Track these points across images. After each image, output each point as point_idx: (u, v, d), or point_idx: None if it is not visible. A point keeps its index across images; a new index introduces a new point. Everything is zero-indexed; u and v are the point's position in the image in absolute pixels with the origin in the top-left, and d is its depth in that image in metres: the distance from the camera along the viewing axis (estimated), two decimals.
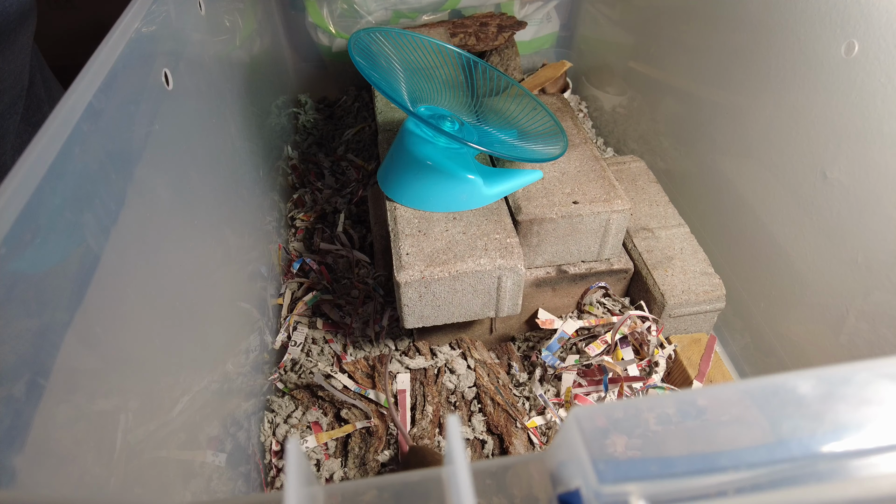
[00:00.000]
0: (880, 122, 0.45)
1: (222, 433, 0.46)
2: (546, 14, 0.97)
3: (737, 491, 0.20)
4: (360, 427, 0.54)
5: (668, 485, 0.20)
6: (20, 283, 0.27)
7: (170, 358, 0.39)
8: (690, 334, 0.61)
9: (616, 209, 0.55)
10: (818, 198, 0.52)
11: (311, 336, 0.63)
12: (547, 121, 0.58)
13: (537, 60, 1.02)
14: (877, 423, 0.20)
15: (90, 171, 0.33)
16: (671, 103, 0.74)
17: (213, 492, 0.43)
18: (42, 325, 0.28)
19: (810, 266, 0.54)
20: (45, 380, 0.27)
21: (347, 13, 0.89)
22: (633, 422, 0.21)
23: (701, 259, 0.61)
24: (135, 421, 0.34)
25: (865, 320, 0.49)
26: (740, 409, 0.21)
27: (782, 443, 0.20)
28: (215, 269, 0.50)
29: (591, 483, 0.20)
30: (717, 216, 0.67)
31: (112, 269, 0.33)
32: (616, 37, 0.87)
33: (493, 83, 0.60)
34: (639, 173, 0.72)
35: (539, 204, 0.54)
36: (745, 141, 0.61)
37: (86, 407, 0.30)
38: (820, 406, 0.21)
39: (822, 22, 0.49)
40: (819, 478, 0.19)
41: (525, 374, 0.60)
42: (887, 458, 0.19)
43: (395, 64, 0.55)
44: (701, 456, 0.20)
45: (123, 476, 0.32)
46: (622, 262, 0.61)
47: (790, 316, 0.58)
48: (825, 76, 0.49)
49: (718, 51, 0.63)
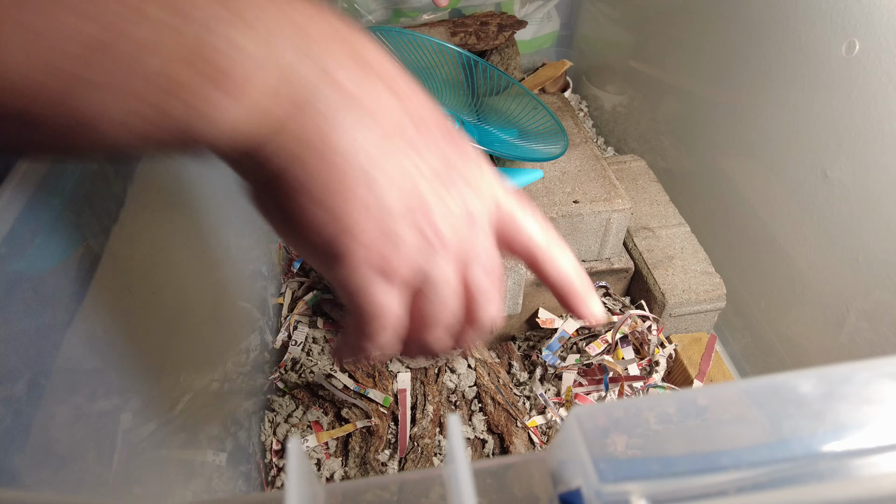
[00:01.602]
0: (881, 122, 0.45)
1: (223, 432, 0.46)
2: (546, 13, 0.97)
3: (738, 490, 0.20)
4: (360, 426, 0.54)
5: (668, 484, 0.20)
6: (21, 283, 0.27)
7: (170, 357, 0.39)
8: (691, 333, 0.61)
9: (616, 208, 0.54)
10: (819, 197, 0.52)
11: (311, 335, 0.63)
12: (547, 120, 0.58)
13: (538, 59, 1.02)
14: (878, 423, 0.20)
15: (90, 170, 0.33)
16: (672, 102, 0.74)
17: (214, 491, 0.43)
18: (43, 324, 0.28)
19: (811, 265, 0.54)
20: (46, 380, 0.27)
21: (347, 12, 0.89)
22: (634, 421, 0.21)
23: (701, 258, 0.61)
24: (135, 420, 0.34)
25: (866, 319, 0.49)
26: (741, 409, 0.21)
27: (783, 442, 0.20)
28: (216, 268, 0.50)
29: (591, 482, 0.19)
30: (717, 215, 0.67)
31: (112, 269, 0.33)
32: (616, 36, 0.87)
33: (493, 82, 0.60)
34: (639, 172, 0.72)
35: (540, 203, 0.54)
36: (746, 140, 0.60)
37: (86, 406, 0.30)
38: (821, 405, 0.21)
39: (823, 21, 0.49)
40: (820, 477, 0.19)
41: (525, 374, 0.60)
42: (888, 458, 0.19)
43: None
44: (702, 455, 0.20)
45: (124, 475, 0.32)
46: (623, 261, 0.61)
47: (791, 315, 0.58)
48: (826, 75, 0.49)
49: (719, 50, 0.63)
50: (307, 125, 0.20)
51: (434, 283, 0.23)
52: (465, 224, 0.23)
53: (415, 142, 0.22)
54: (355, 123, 0.20)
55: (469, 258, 0.24)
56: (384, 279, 0.22)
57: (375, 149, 0.21)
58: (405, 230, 0.22)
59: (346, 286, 0.22)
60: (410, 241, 0.22)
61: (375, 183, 0.21)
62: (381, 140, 0.21)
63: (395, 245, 0.22)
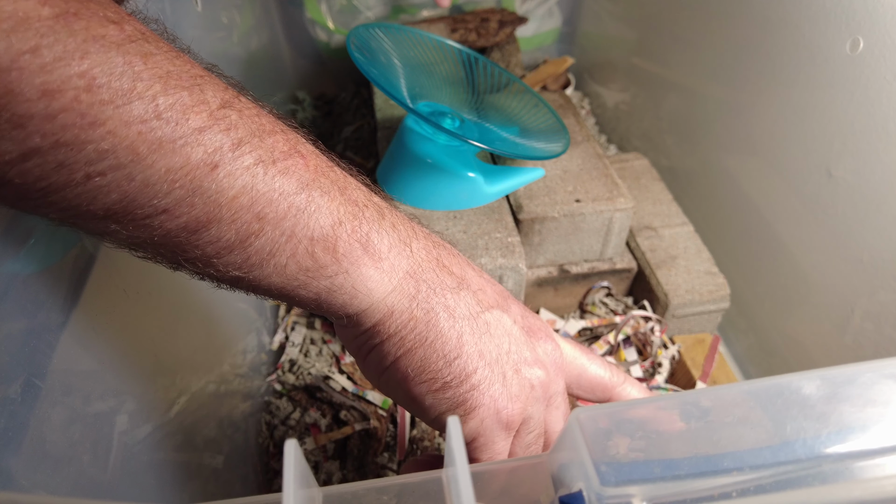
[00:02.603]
0: (886, 120, 0.45)
1: (219, 435, 0.46)
2: (548, 9, 0.97)
3: (741, 493, 0.19)
4: (358, 429, 0.54)
5: (671, 487, 0.20)
6: (15, 283, 0.26)
7: (166, 359, 0.39)
8: (694, 334, 0.61)
9: (619, 207, 0.54)
10: (823, 196, 0.52)
11: (309, 336, 0.62)
12: (549, 118, 0.58)
13: (539, 56, 1.01)
14: (882, 424, 0.20)
15: None
16: (675, 100, 0.74)
17: (211, 494, 0.43)
18: (38, 325, 0.28)
19: (815, 265, 0.54)
20: (41, 381, 0.27)
21: (346, 9, 0.89)
22: (636, 423, 0.21)
23: (705, 258, 0.61)
24: (131, 422, 0.33)
25: (871, 320, 0.49)
26: (744, 410, 0.21)
27: (787, 444, 0.20)
28: None
29: (593, 485, 0.19)
30: (721, 214, 0.66)
31: (107, 269, 0.33)
32: (619, 33, 0.86)
33: (494, 79, 0.60)
34: (642, 171, 0.71)
35: (541, 202, 0.54)
36: (750, 138, 0.60)
37: (82, 408, 0.30)
38: (825, 407, 0.20)
39: (827, 18, 0.48)
40: (824, 479, 0.19)
41: None
42: (893, 460, 0.19)
43: (395, 60, 0.54)
44: (704, 458, 0.20)
45: (120, 478, 0.32)
46: (625, 261, 0.60)
47: (795, 316, 0.57)
48: (830, 73, 0.49)
49: (722, 47, 0.63)
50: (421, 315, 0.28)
51: (530, 432, 0.31)
52: (555, 410, 0.32)
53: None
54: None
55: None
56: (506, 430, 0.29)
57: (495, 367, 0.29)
58: (523, 411, 0.29)
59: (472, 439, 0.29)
60: (526, 415, 0.30)
61: (491, 395, 0.29)
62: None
63: (509, 428, 0.29)
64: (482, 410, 0.28)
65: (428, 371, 0.27)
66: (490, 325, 0.29)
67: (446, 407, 0.28)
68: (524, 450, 0.31)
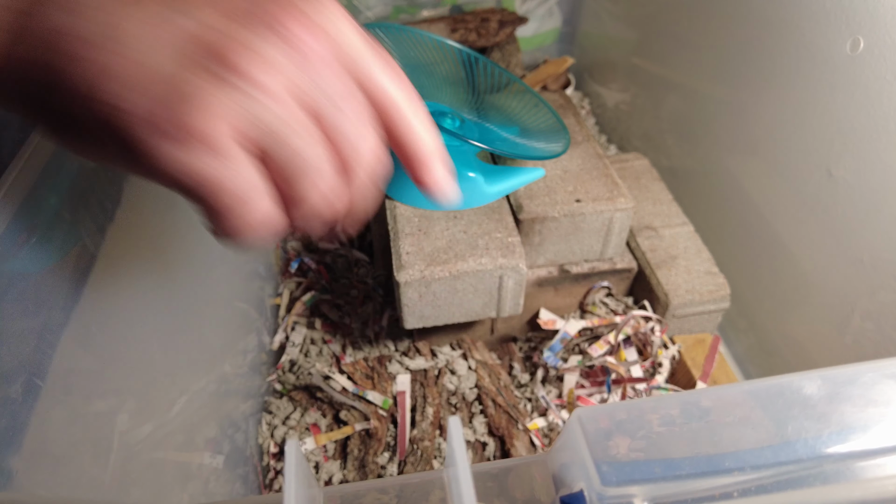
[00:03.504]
0: (886, 120, 0.45)
1: (220, 435, 0.46)
2: (548, 9, 0.97)
3: (742, 493, 0.19)
4: (359, 429, 0.54)
5: (672, 487, 0.20)
6: (16, 283, 0.26)
7: (167, 358, 0.39)
8: (694, 334, 0.61)
9: (619, 207, 0.54)
10: (823, 196, 0.52)
11: (309, 336, 0.62)
12: (549, 118, 0.58)
13: (539, 56, 1.01)
14: (883, 424, 0.20)
15: (86, 169, 0.33)
16: (675, 100, 0.74)
17: (211, 494, 0.43)
18: (39, 325, 0.28)
19: (815, 265, 0.54)
20: (42, 380, 0.27)
21: (346, 8, 0.89)
22: (637, 423, 0.21)
23: (705, 258, 0.61)
24: (132, 422, 0.33)
25: (871, 320, 0.49)
26: (745, 410, 0.21)
27: (787, 444, 0.20)
28: (212, 268, 0.50)
29: (594, 485, 0.19)
30: (721, 214, 0.66)
31: (109, 269, 0.33)
32: (619, 32, 0.86)
33: (494, 79, 0.60)
34: (642, 171, 0.71)
35: (541, 202, 0.54)
36: (750, 138, 0.60)
37: (82, 408, 0.30)
38: (825, 407, 0.20)
39: (827, 18, 0.48)
40: (825, 479, 0.19)
41: (527, 375, 0.60)
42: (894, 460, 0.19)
43: (395, 60, 0.54)
44: (705, 458, 0.20)
45: (120, 478, 0.32)
46: (625, 261, 0.60)
47: (795, 316, 0.57)
48: (830, 73, 0.49)
49: (723, 47, 0.63)
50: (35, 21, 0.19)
51: (266, 129, 0.20)
52: (290, 62, 0.21)
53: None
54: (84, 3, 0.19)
55: (312, 99, 0.21)
56: (193, 145, 0.19)
57: (109, 15, 0.19)
58: (190, 83, 0.19)
59: (168, 175, 0.20)
60: (205, 93, 0.19)
61: (122, 45, 0.19)
62: (119, 5, 0.20)
63: (182, 102, 0.19)
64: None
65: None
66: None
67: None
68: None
